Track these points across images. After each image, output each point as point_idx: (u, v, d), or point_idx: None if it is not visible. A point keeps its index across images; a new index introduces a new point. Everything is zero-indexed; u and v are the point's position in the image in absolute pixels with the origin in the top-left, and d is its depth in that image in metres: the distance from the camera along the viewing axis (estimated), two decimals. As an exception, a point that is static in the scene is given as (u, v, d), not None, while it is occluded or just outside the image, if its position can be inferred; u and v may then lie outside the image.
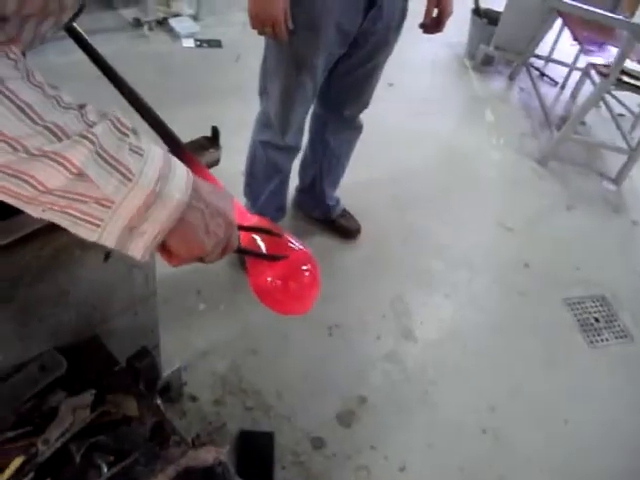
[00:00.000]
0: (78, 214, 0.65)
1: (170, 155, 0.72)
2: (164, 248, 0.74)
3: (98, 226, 0.65)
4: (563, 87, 4.84)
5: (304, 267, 0.93)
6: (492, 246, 3.12)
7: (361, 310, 2.61)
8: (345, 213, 2.96)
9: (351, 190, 3.06)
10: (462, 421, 2.28)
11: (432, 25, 2.13)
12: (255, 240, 0.96)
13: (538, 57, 4.81)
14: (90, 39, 1.09)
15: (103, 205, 0.64)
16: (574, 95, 4.72)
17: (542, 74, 4.93)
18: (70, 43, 1.08)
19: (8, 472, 0.99)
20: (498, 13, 4.57)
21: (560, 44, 4.83)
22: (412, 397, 2.32)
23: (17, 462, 1.01)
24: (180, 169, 0.71)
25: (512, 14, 4.39)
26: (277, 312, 0.97)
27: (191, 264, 0.80)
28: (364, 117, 2.53)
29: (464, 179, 3.57)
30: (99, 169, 0.63)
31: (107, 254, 1.17)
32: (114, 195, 0.64)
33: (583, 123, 4.21)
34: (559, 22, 4.46)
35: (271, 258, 0.96)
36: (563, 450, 2.28)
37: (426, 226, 3.13)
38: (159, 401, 1.32)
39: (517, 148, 3.92)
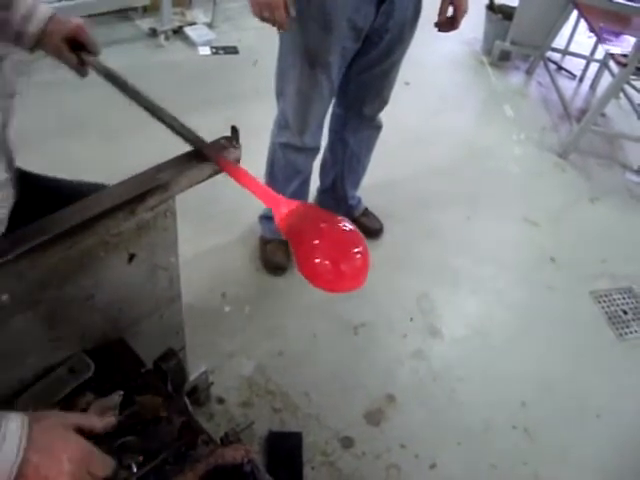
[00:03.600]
0: None
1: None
2: None
3: None
4: (581, 79, 4.79)
5: (355, 249, 0.92)
6: (517, 241, 3.10)
7: (387, 308, 2.60)
8: (367, 212, 2.95)
9: (373, 189, 3.06)
10: (491, 417, 2.26)
11: (447, 23, 2.11)
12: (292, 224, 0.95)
13: (555, 50, 4.77)
14: (107, 50, 1.12)
15: None
16: (593, 87, 4.69)
17: (560, 67, 4.89)
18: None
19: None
20: (512, 8, 4.54)
21: (577, 36, 4.81)
22: (440, 394, 2.31)
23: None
24: (9, 440, 0.76)
25: (527, 8, 4.37)
26: (329, 291, 0.97)
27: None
28: (383, 116, 2.52)
29: (486, 175, 3.54)
30: None
31: (131, 255, 1.18)
32: None
33: (603, 115, 4.17)
34: (575, 14, 4.42)
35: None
36: (597, 445, 2.25)
37: (449, 223, 3.12)
38: (187, 401, 1.32)
39: (538, 142, 3.89)
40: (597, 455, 2.23)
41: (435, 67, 4.62)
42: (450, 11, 2.08)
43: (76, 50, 1.43)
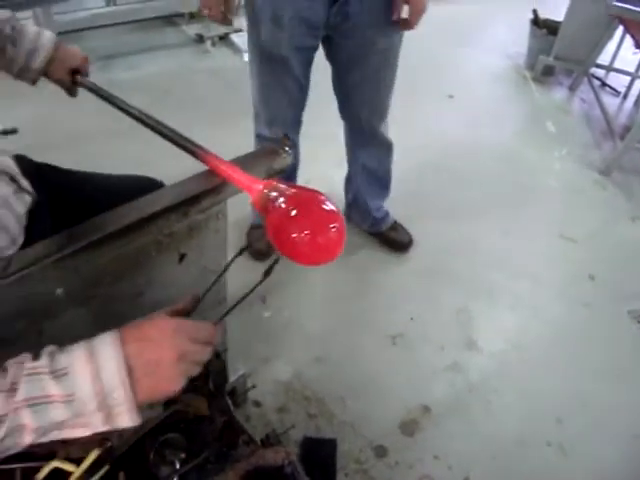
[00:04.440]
0: (66, 430, 0.76)
1: (91, 344, 0.79)
2: None
3: (87, 426, 0.76)
4: (625, 97, 4.75)
5: (331, 225, 0.92)
6: (555, 257, 3.08)
7: (424, 320, 2.60)
8: (396, 225, 2.95)
9: (410, 200, 3.08)
10: (526, 433, 2.24)
11: (403, 23, 2.09)
12: (270, 197, 0.95)
13: (599, 66, 4.74)
14: (153, 55, 1.18)
15: (78, 427, 0.76)
16: (637, 104, 4.63)
17: (603, 84, 4.84)
18: (135, 59, 1.14)
19: (85, 464, 1.02)
20: (557, 23, 4.51)
21: (622, 52, 4.75)
22: (475, 408, 2.30)
23: (93, 455, 1.03)
24: (104, 349, 0.78)
25: (572, 23, 4.34)
26: (302, 264, 0.97)
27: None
28: (423, 127, 2.55)
29: (526, 190, 3.53)
30: (41, 414, 0.73)
31: (182, 256, 1.20)
32: (71, 417, 0.75)
33: (647, 133, 4.13)
34: (620, 30, 4.38)
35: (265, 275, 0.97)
36: (633, 466, 2.22)
37: (488, 237, 3.11)
38: (229, 401, 1.34)
39: (579, 159, 3.86)
40: (633, 476, 2.20)
41: (478, 81, 4.62)
42: (406, 11, 2.04)
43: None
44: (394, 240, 2.91)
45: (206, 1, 1.97)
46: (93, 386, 0.74)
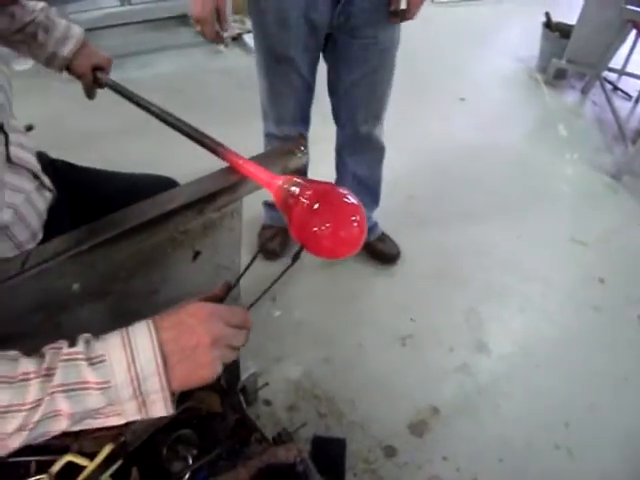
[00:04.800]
0: (100, 418, 0.78)
1: (126, 332, 0.80)
2: None
3: (120, 414, 0.78)
4: (637, 101, 4.73)
5: (353, 218, 0.93)
6: (566, 260, 3.07)
7: (434, 322, 2.61)
8: (383, 237, 2.92)
9: (422, 200, 3.08)
10: (535, 436, 2.24)
11: (401, 13, 2.07)
12: (290, 192, 0.96)
13: (611, 70, 4.73)
14: (166, 54, 1.21)
15: (112, 415, 0.78)
16: (650, 109, 4.63)
17: (616, 87, 4.83)
18: (148, 58, 1.16)
19: (99, 458, 1.03)
20: (570, 26, 4.51)
21: (634, 56, 4.75)
22: (484, 410, 2.30)
23: (107, 449, 1.04)
24: (140, 336, 0.79)
25: (585, 27, 4.33)
26: (323, 257, 0.97)
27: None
28: (434, 130, 2.54)
29: (537, 193, 3.53)
30: (77, 400, 0.74)
31: (196, 253, 1.21)
32: (106, 404, 0.76)
33: (659, 137, 4.12)
34: (633, 34, 4.38)
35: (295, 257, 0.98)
36: (641, 472, 2.23)
37: (498, 239, 3.12)
38: (241, 399, 1.35)
39: (591, 162, 3.85)
40: (640, 481, 2.20)
41: (490, 84, 4.62)
42: (404, 3, 2.04)
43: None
44: (381, 252, 2.87)
45: (198, 17, 1.87)
46: (128, 374, 0.75)
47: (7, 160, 1.16)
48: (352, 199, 0.92)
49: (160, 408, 0.78)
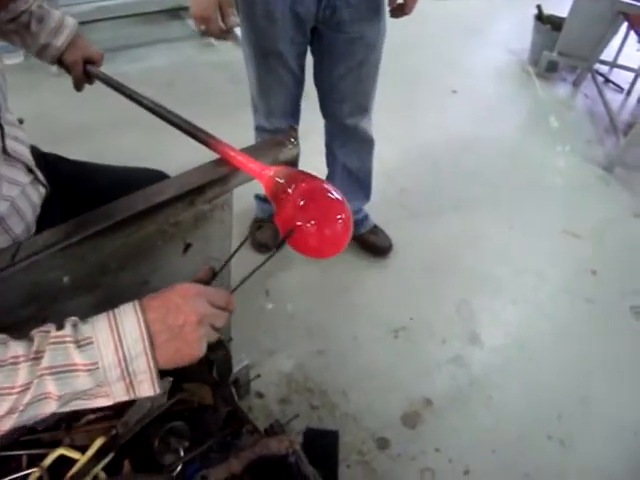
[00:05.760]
0: (89, 399, 0.79)
1: (113, 314, 0.81)
2: None
3: (108, 396, 0.79)
4: (629, 93, 4.73)
5: (338, 216, 0.93)
6: (558, 252, 3.08)
7: (427, 313, 2.61)
8: (376, 229, 2.92)
9: (414, 193, 3.08)
10: (527, 427, 2.25)
11: (398, 9, 2.12)
12: (280, 184, 0.97)
13: (603, 63, 4.74)
14: (157, 48, 1.21)
15: (100, 396, 0.79)
16: (641, 101, 4.64)
17: (607, 80, 4.83)
18: (139, 52, 1.15)
19: (91, 451, 1.03)
20: (562, 19, 4.51)
21: (626, 49, 4.75)
22: (477, 401, 2.31)
23: (98, 442, 1.04)
24: (127, 317, 0.80)
25: (576, 19, 4.33)
26: (308, 256, 0.98)
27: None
28: (427, 122, 2.53)
29: (529, 185, 3.53)
30: (65, 382, 0.75)
31: (187, 246, 1.20)
32: (94, 386, 0.77)
33: (650, 129, 4.13)
34: (625, 26, 4.38)
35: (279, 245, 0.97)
36: (633, 462, 2.22)
37: (491, 231, 3.12)
38: (233, 391, 1.35)
39: (583, 155, 3.86)
40: (632, 472, 2.19)
41: (481, 76, 4.62)
42: None
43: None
44: (373, 244, 2.87)
45: (202, 15, 1.81)
46: (116, 355, 0.76)
47: (3, 152, 1.16)
48: (337, 195, 0.93)
49: (148, 388, 0.79)
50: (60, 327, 0.78)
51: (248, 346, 2.22)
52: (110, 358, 0.76)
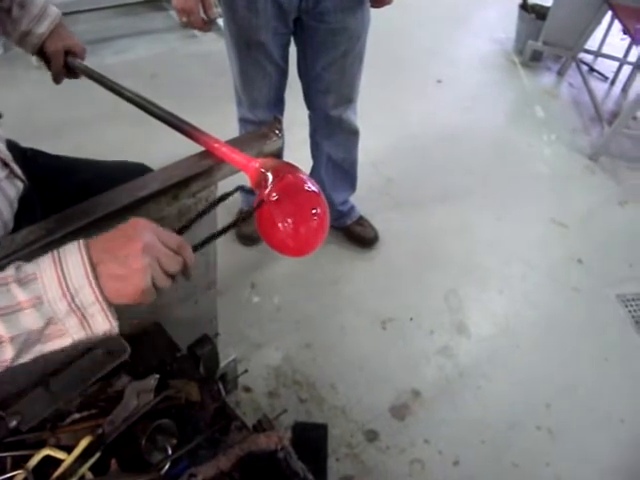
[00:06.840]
0: (46, 341, 0.77)
1: (57, 251, 0.77)
2: None
3: (64, 334, 0.76)
4: (613, 82, 4.75)
5: (314, 210, 0.92)
6: (545, 242, 3.08)
7: (415, 304, 2.61)
8: (362, 220, 2.92)
9: (401, 183, 3.07)
10: (516, 417, 2.26)
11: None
12: (265, 175, 0.96)
13: (587, 52, 4.74)
14: (140, 39, 1.18)
15: (57, 336, 0.76)
16: (625, 89, 4.65)
17: (592, 69, 4.85)
18: (122, 43, 1.13)
19: (77, 451, 1.01)
20: (546, 8, 4.52)
21: (610, 38, 4.77)
22: (466, 392, 2.31)
23: (85, 442, 1.03)
24: (70, 250, 0.76)
25: (561, 8, 4.33)
26: (284, 254, 0.98)
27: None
28: (412, 112, 2.53)
29: (515, 175, 3.53)
30: (12, 322, 0.72)
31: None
32: (45, 323, 0.74)
33: (635, 118, 4.12)
34: (609, 15, 4.38)
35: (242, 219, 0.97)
36: (620, 449, 2.24)
37: (478, 221, 3.12)
38: (221, 387, 1.33)
39: (568, 144, 3.87)
40: (620, 459, 2.21)
41: (466, 66, 4.61)
42: None
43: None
44: (359, 235, 2.87)
45: (184, 7, 1.82)
46: (60, 287, 0.73)
47: None
48: (313, 187, 0.93)
49: (102, 321, 0.77)
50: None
51: (235, 340, 2.22)
52: (54, 291, 0.73)
